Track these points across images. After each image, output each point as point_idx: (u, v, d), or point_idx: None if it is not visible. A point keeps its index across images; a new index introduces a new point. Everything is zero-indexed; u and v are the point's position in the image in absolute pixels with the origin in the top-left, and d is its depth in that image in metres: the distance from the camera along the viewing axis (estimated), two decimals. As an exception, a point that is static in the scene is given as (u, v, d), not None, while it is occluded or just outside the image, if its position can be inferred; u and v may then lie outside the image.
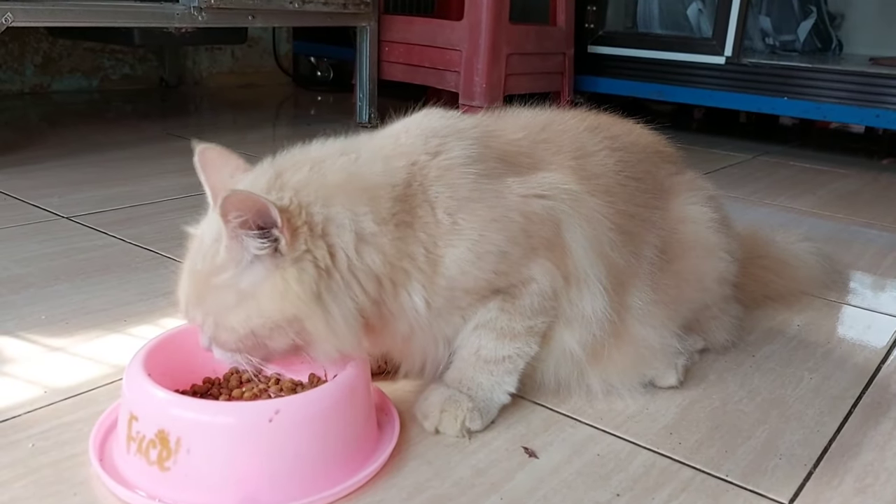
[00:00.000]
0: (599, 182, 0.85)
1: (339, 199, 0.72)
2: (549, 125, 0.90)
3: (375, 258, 0.72)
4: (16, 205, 1.50)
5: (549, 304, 0.80)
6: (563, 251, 0.80)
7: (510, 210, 0.77)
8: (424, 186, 0.76)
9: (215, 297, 0.70)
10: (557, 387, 0.88)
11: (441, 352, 0.84)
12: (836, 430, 0.86)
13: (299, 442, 0.68)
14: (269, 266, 0.68)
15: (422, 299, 0.75)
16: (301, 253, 0.69)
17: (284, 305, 0.68)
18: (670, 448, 0.81)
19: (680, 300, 0.92)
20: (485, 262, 0.76)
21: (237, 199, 0.65)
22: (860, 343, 1.10)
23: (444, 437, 0.80)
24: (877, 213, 1.84)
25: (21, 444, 0.75)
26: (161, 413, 0.68)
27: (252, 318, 0.69)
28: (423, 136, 0.79)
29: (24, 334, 0.98)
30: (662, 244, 0.90)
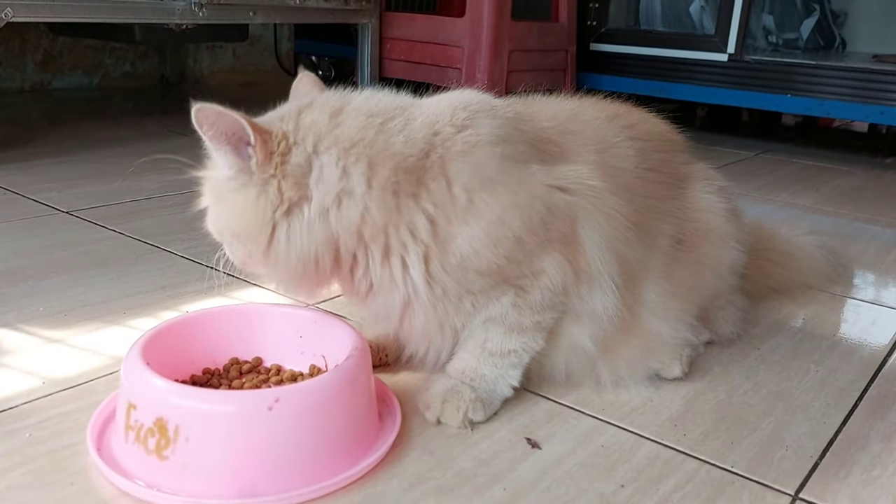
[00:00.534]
0: (619, 177, 0.84)
1: (338, 152, 0.72)
2: (575, 115, 0.89)
3: (354, 215, 0.72)
4: (15, 199, 1.49)
5: (558, 300, 0.79)
6: (576, 247, 0.79)
7: (533, 198, 0.76)
8: (444, 160, 0.74)
9: (209, 194, 0.77)
10: (567, 379, 0.87)
11: (447, 340, 0.83)
12: (843, 422, 0.85)
13: (299, 431, 0.67)
14: (241, 181, 0.73)
15: (420, 274, 0.74)
16: (268, 177, 0.71)
17: (239, 221, 0.73)
18: (675, 439, 0.80)
19: (696, 289, 0.91)
20: (499, 247, 0.74)
21: (204, 112, 0.69)
22: (865, 336, 1.09)
23: (446, 428, 0.79)
24: (880, 209, 1.83)
25: (18, 434, 0.74)
26: (160, 401, 0.67)
27: (216, 222, 0.77)
28: (452, 108, 0.77)
29: (22, 326, 0.97)
30: (679, 233, 0.90)
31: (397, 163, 0.72)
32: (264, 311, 0.86)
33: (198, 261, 1.22)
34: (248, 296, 1.10)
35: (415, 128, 0.75)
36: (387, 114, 0.76)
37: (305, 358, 0.84)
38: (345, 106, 0.76)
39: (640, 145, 0.89)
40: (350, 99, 0.77)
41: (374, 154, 0.72)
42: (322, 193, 0.72)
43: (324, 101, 0.76)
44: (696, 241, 0.91)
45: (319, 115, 0.74)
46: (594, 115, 0.90)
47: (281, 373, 0.82)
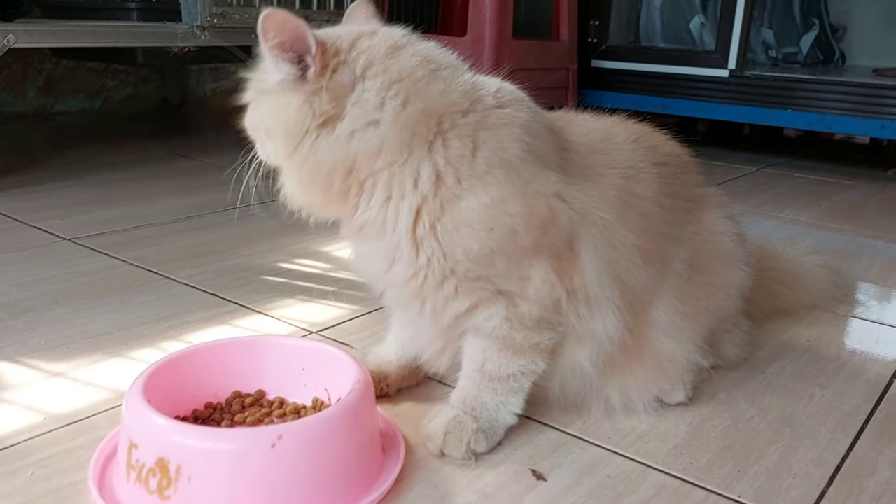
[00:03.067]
0: (640, 204, 0.84)
1: (382, 82, 0.74)
2: (607, 137, 0.89)
3: (374, 143, 0.73)
4: (17, 227, 1.49)
5: (553, 318, 0.79)
6: (571, 265, 0.78)
7: (540, 196, 0.76)
8: (478, 126, 0.75)
9: (256, 101, 0.79)
10: (565, 402, 0.87)
11: (435, 332, 0.83)
12: (849, 448, 0.84)
13: (302, 468, 0.67)
14: (290, 87, 0.74)
15: (407, 226, 0.74)
16: (317, 88, 0.73)
17: (277, 122, 0.75)
18: (681, 469, 0.79)
19: (708, 310, 0.91)
20: (495, 230, 0.74)
21: (274, 19, 0.71)
22: (871, 357, 1.08)
23: (449, 460, 0.79)
24: (883, 224, 1.82)
25: (20, 473, 0.74)
26: (161, 440, 0.67)
27: (255, 119, 0.80)
28: (499, 85, 0.79)
29: (24, 359, 0.97)
30: (693, 257, 0.89)
31: (427, 106, 0.73)
32: (266, 344, 0.86)
33: (201, 288, 1.22)
34: (251, 324, 1.10)
35: (460, 82, 0.77)
36: (442, 63, 0.77)
37: (308, 390, 0.83)
38: (406, 45, 0.77)
39: (660, 170, 0.89)
40: (413, 41, 0.79)
41: (413, 91, 0.74)
42: (354, 116, 0.73)
43: (388, 34, 0.78)
44: (708, 263, 0.91)
45: (379, 44, 0.76)
46: (624, 137, 0.90)
47: (284, 406, 0.82)
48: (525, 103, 0.80)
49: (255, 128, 0.81)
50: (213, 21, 2.06)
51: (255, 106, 0.80)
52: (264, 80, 0.77)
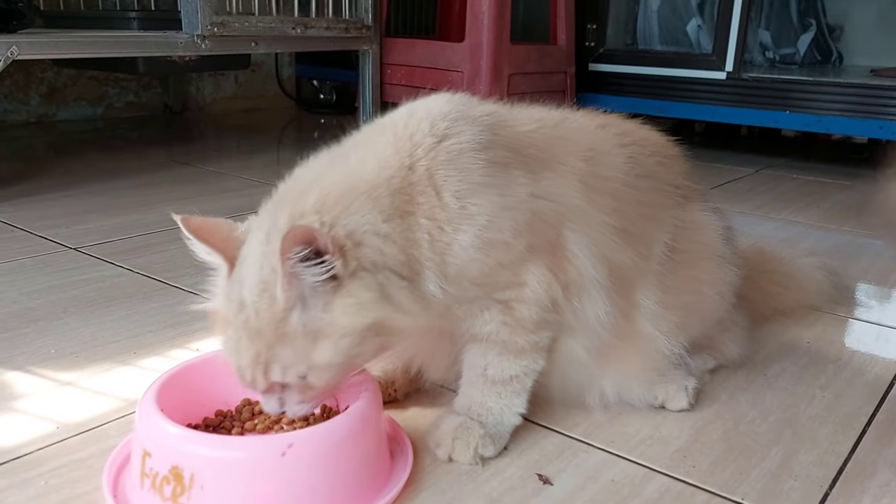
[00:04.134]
0: (607, 186, 0.84)
1: (350, 207, 0.71)
2: (562, 121, 0.89)
3: (394, 250, 0.71)
4: (23, 236, 1.51)
5: (550, 318, 0.80)
6: (563, 257, 0.79)
7: (520, 202, 0.76)
8: (431, 171, 0.74)
9: (293, 345, 0.68)
10: (564, 395, 0.88)
11: (444, 348, 0.84)
12: (851, 450, 0.85)
13: (313, 475, 0.68)
14: (329, 290, 0.67)
15: (437, 286, 0.74)
16: (354, 266, 0.69)
17: (363, 316, 0.68)
18: (685, 472, 0.80)
19: (693, 308, 0.91)
20: (491, 250, 0.75)
21: (299, 234, 0.65)
22: (871, 358, 1.09)
23: (457, 465, 0.80)
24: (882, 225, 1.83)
25: (34, 482, 0.75)
26: (174, 449, 0.68)
27: (339, 344, 0.68)
28: (431, 119, 0.77)
29: (34, 369, 0.98)
30: (673, 242, 0.89)
31: (385, 188, 0.72)
32: (274, 352, 0.87)
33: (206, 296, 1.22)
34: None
35: (383, 148, 0.75)
36: (341, 156, 0.77)
37: (316, 397, 0.85)
38: (311, 178, 0.75)
39: (631, 151, 0.89)
40: (304, 174, 0.77)
41: (367, 189, 0.72)
42: (372, 246, 0.71)
43: (292, 193, 0.74)
44: (693, 254, 0.91)
45: (311, 197, 0.71)
46: (584, 122, 0.90)
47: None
48: (464, 120, 0.78)
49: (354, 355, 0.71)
50: (213, 30, 2.07)
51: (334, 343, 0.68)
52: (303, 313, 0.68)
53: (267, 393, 0.71)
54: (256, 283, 0.68)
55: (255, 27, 2.21)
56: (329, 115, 3.35)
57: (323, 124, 3.17)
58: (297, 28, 2.33)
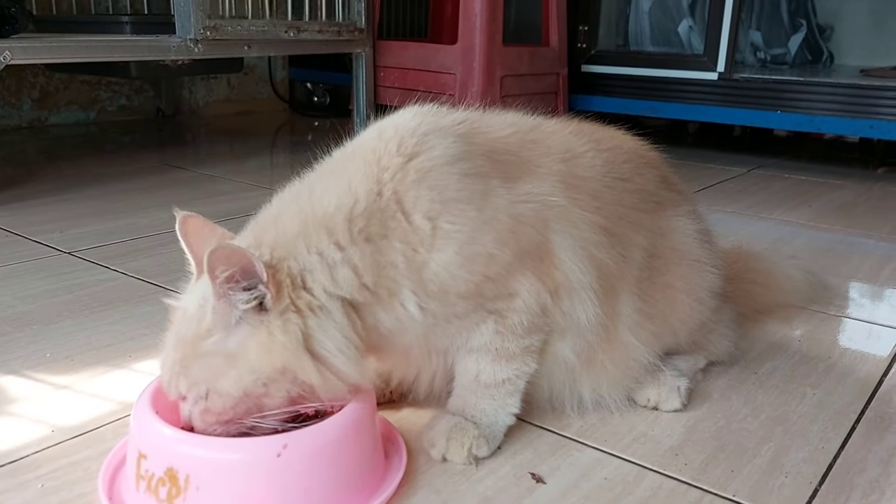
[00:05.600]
0: (586, 186, 0.84)
1: (300, 245, 0.71)
2: (537, 126, 0.89)
3: (348, 274, 0.71)
4: (17, 241, 1.51)
5: (540, 322, 0.81)
6: (550, 261, 0.80)
7: (498, 211, 0.76)
8: (398, 194, 0.74)
9: (204, 364, 0.69)
10: (550, 396, 0.89)
11: (435, 365, 0.85)
12: (841, 446, 0.86)
13: (308, 476, 0.68)
14: (253, 322, 0.68)
15: (415, 306, 0.74)
16: (285, 305, 0.69)
17: (273, 358, 0.68)
18: (677, 469, 0.81)
19: (669, 316, 0.91)
20: (475, 265, 0.75)
21: (223, 253, 0.65)
22: (861, 356, 1.10)
23: (451, 465, 0.81)
24: (874, 223, 1.85)
25: (30, 485, 0.75)
26: (169, 451, 0.68)
27: (243, 378, 0.68)
28: (398, 138, 0.77)
29: (29, 373, 0.98)
30: (651, 247, 0.90)
31: (344, 216, 0.72)
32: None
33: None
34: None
35: (350, 176, 0.75)
36: (306, 190, 0.76)
37: (311, 399, 0.85)
38: (274, 214, 0.76)
39: (607, 156, 0.89)
40: (271, 208, 0.77)
41: (323, 221, 0.72)
42: (323, 281, 0.71)
43: (260, 223, 0.75)
44: (668, 261, 0.91)
45: (270, 232, 0.73)
46: (559, 128, 0.91)
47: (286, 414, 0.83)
48: (434, 133, 0.78)
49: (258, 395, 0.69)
50: (206, 34, 2.07)
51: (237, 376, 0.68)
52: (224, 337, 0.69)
53: (180, 402, 0.72)
54: (199, 297, 0.70)
55: (247, 31, 2.21)
56: (323, 118, 3.36)
57: (317, 127, 3.17)
58: (289, 31, 2.34)
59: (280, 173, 0.81)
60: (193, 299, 0.71)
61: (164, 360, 0.72)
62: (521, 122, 0.89)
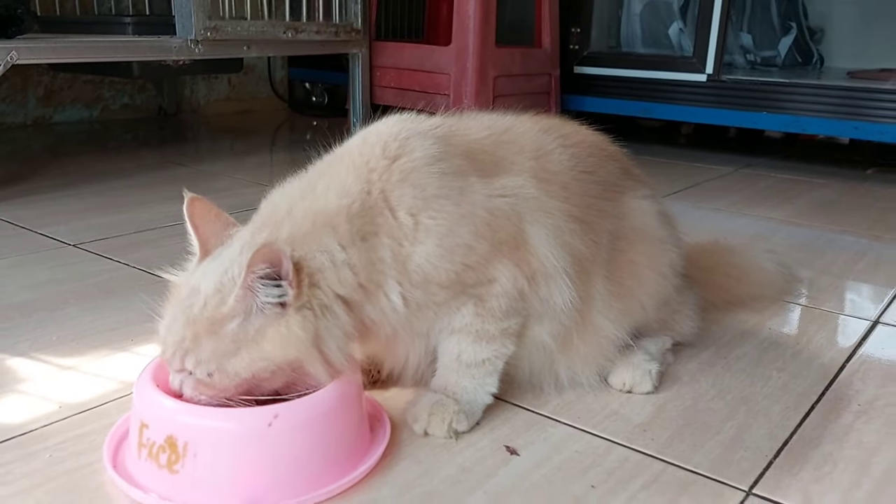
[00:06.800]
0: (557, 179, 0.91)
1: (314, 245, 0.77)
2: (510, 127, 0.96)
3: (348, 275, 0.78)
4: (24, 234, 1.56)
5: (518, 306, 0.87)
6: (526, 249, 0.86)
7: (476, 206, 0.83)
8: (385, 192, 0.81)
9: (217, 346, 0.74)
10: (530, 377, 0.95)
11: (420, 348, 0.91)
12: (799, 424, 0.92)
13: (297, 444, 0.74)
14: (272, 315, 0.74)
15: (398, 296, 0.81)
16: (303, 303, 0.75)
17: (288, 351, 0.74)
18: (644, 444, 0.87)
19: (634, 291, 0.97)
20: (454, 255, 0.81)
21: (269, 253, 0.72)
22: (828, 344, 1.16)
23: (432, 439, 0.86)
24: (853, 220, 1.90)
25: (39, 455, 0.81)
26: (170, 420, 0.74)
27: (255, 363, 0.74)
28: (382, 142, 0.84)
29: (37, 355, 1.04)
30: (616, 231, 0.96)
31: (344, 216, 0.79)
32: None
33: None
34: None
35: (344, 177, 0.82)
36: (310, 189, 0.82)
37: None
38: (286, 209, 0.80)
39: (573, 152, 0.96)
40: (281, 204, 0.82)
41: (328, 221, 0.78)
42: (330, 282, 0.77)
43: (272, 217, 0.80)
44: (632, 241, 0.97)
45: (285, 228, 0.78)
46: (529, 127, 0.97)
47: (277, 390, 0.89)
48: (415, 136, 0.85)
49: (263, 379, 0.76)
50: (206, 34, 2.13)
51: (249, 361, 0.74)
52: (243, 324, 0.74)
53: (176, 371, 0.77)
54: (216, 281, 0.75)
55: (247, 31, 2.27)
56: (321, 117, 3.41)
57: (315, 126, 3.23)
58: (288, 32, 2.39)
59: (279, 171, 0.86)
60: (207, 281, 0.76)
61: (168, 333, 0.77)
62: (495, 123, 0.96)
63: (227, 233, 0.81)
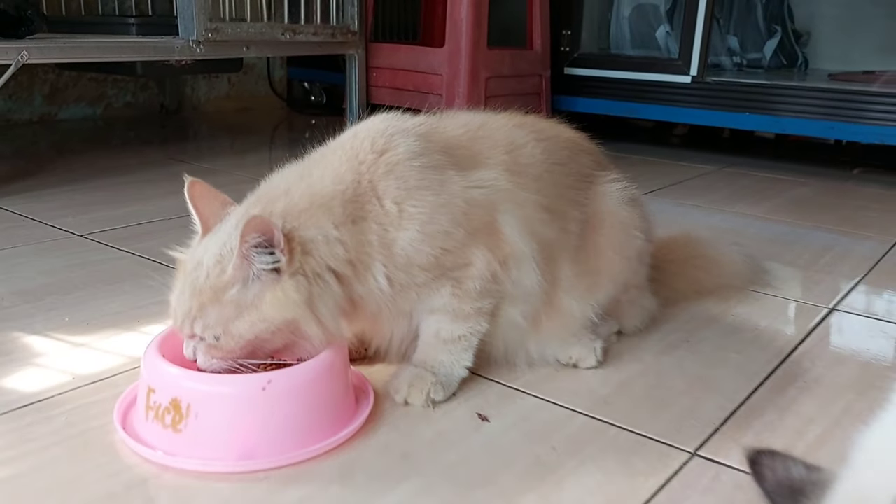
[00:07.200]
0: (529, 171, 1.00)
1: (309, 220, 0.87)
2: (485, 124, 1.05)
3: (340, 251, 0.87)
4: (35, 225, 1.65)
5: (492, 287, 0.96)
6: (499, 236, 0.95)
7: (454, 196, 0.92)
8: (373, 182, 0.90)
9: (222, 311, 0.82)
10: (505, 354, 1.04)
11: (403, 327, 0.99)
12: (747, 398, 1.00)
13: (287, 407, 0.83)
14: (268, 281, 0.83)
15: (384, 277, 0.90)
16: (296, 269, 0.84)
17: (285, 312, 0.83)
18: (604, 413, 0.95)
19: (600, 272, 1.06)
20: (434, 241, 0.90)
21: (258, 222, 0.80)
22: (785, 329, 1.25)
23: (412, 408, 0.95)
24: (825, 217, 1.99)
25: (56, 419, 0.90)
26: (174, 385, 0.83)
27: (256, 325, 0.83)
28: (370, 137, 0.93)
29: (51, 333, 1.13)
30: (585, 218, 1.05)
31: (339, 199, 0.88)
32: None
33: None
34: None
35: (339, 166, 0.91)
36: (308, 173, 0.91)
37: (294, 353, 1.00)
38: (284, 188, 0.89)
39: (546, 145, 1.05)
40: (279, 182, 0.92)
41: (324, 203, 0.87)
42: (322, 253, 0.86)
43: (268, 194, 0.90)
44: (598, 225, 1.06)
45: (281, 203, 0.87)
46: (503, 123, 1.06)
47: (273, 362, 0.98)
48: (400, 133, 0.94)
49: (265, 340, 0.85)
50: (207, 35, 2.22)
51: (251, 323, 0.83)
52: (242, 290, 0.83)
53: (188, 338, 0.86)
54: (216, 253, 0.84)
55: (246, 33, 2.35)
56: (319, 116, 3.50)
57: (314, 125, 3.31)
58: (286, 34, 2.48)
59: (277, 168, 0.96)
60: (209, 254, 0.85)
61: (178, 304, 0.86)
62: (472, 121, 1.05)
63: (226, 211, 0.90)
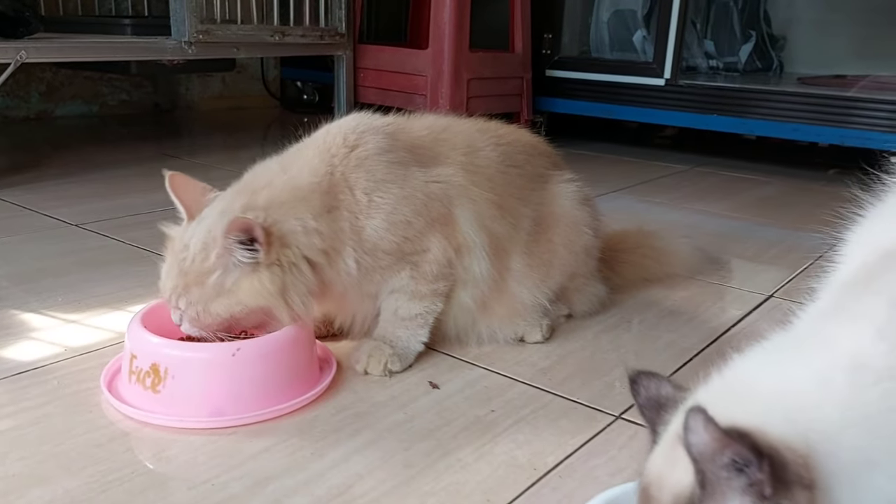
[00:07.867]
0: (484, 171, 1.11)
1: (289, 212, 0.97)
2: (448, 127, 1.16)
3: (317, 240, 0.98)
4: (31, 215, 1.76)
5: (446, 271, 1.07)
6: (454, 227, 1.06)
7: (416, 190, 1.03)
8: (345, 174, 1.01)
9: (203, 292, 0.94)
10: (456, 333, 1.15)
11: (367, 307, 1.10)
12: (675, 371, 1.11)
13: (254, 371, 0.94)
14: (247, 270, 0.93)
15: (353, 261, 1.01)
16: (272, 260, 0.94)
17: (259, 299, 0.94)
18: (542, 383, 1.06)
19: (552, 264, 1.17)
20: (398, 229, 1.02)
21: (242, 223, 0.91)
22: (721, 313, 1.35)
23: (371, 377, 1.06)
24: (781, 214, 2.10)
25: (48, 382, 1.00)
26: (154, 351, 0.93)
27: (232, 307, 0.95)
28: (342, 134, 1.04)
29: (45, 311, 1.23)
30: (537, 217, 1.15)
31: (316, 191, 0.99)
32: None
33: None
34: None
35: (314, 160, 1.02)
36: (288, 167, 1.02)
37: (264, 327, 1.10)
38: (265, 181, 1.00)
39: (503, 149, 1.16)
40: (260, 175, 1.03)
41: (303, 195, 0.98)
42: (299, 243, 0.96)
43: (250, 185, 1.00)
44: (551, 223, 1.17)
45: (263, 196, 0.97)
46: (466, 127, 1.17)
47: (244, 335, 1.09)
48: (370, 131, 1.05)
49: (240, 319, 0.97)
50: (198, 37, 2.32)
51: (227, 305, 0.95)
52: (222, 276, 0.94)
53: (174, 308, 0.97)
54: (201, 239, 0.95)
55: (236, 34, 2.46)
56: (312, 115, 3.58)
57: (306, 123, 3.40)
58: (275, 35, 2.59)
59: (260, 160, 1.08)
60: (196, 239, 0.95)
61: (166, 278, 0.97)
62: (436, 123, 1.16)
63: (206, 197, 1.01)
